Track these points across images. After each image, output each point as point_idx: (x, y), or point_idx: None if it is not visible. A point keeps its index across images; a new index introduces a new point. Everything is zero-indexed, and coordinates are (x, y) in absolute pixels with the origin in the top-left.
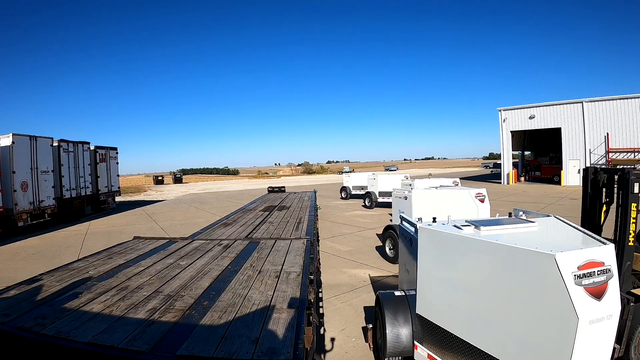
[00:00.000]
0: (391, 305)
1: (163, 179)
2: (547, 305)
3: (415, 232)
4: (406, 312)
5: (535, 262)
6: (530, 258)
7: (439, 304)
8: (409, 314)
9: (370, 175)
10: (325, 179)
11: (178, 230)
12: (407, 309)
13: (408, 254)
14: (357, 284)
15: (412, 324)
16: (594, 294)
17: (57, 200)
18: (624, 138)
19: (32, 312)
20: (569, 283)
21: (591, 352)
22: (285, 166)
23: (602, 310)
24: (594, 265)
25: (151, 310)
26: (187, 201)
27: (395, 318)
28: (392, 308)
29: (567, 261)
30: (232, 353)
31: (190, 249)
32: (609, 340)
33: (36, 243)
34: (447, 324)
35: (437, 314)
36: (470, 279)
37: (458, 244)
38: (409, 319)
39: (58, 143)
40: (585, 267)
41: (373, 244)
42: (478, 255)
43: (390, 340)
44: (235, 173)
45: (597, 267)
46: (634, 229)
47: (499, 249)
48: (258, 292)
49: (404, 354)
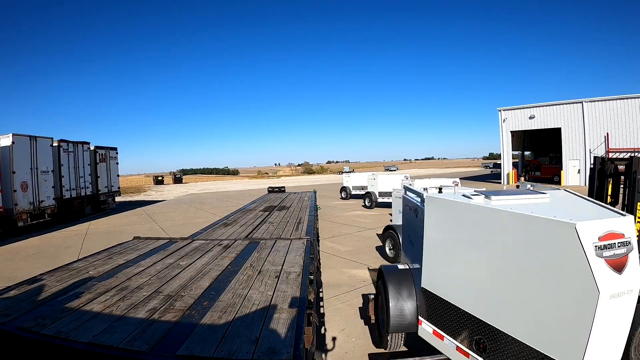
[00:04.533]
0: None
1: (163, 179)
2: (565, 278)
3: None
4: (410, 286)
5: (553, 232)
6: (549, 228)
7: (446, 277)
8: (413, 288)
9: (370, 176)
10: (325, 179)
11: (178, 230)
12: (411, 282)
13: (413, 226)
14: (357, 284)
15: (416, 299)
16: (614, 267)
17: (57, 200)
18: (624, 138)
19: (32, 312)
20: (590, 254)
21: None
22: (285, 166)
23: (622, 284)
24: (615, 236)
25: (151, 310)
26: (187, 201)
27: (399, 292)
28: (396, 281)
29: (588, 231)
30: (232, 353)
31: (190, 249)
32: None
33: (36, 243)
34: (455, 298)
35: (444, 288)
36: (481, 250)
37: (468, 213)
38: (413, 293)
39: (58, 143)
40: (605, 238)
41: (373, 244)
42: (490, 226)
43: (393, 315)
44: (235, 173)
45: (618, 238)
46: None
47: (514, 218)
48: (258, 292)
49: (408, 330)
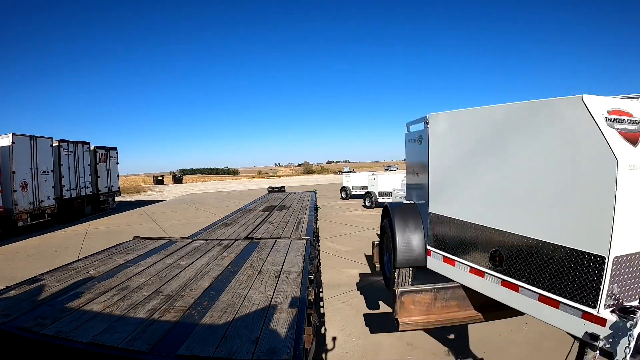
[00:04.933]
0: (400, 212)
1: (163, 179)
2: (580, 155)
3: (424, 125)
4: (417, 218)
5: (562, 112)
6: (556, 108)
7: (455, 195)
8: (420, 220)
9: (370, 175)
10: (325, 179)
11: (178, 230)
12: (417, 215)
13: (416, 156)
14: (358, 284)
15: (423, 230)
16: (629, 139)
17: (57, 200)
18: None
19: (32, 312)
20: (602, 124)
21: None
22: (285, 166)
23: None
24: (623, 114)
25: (151, 310)
26: (187, 201)
27: (406, 224)
28: (402, 215)
29: (595, 104)
30: (232, 353)
31: (190, 249)
32: None
33: (36, 243)
34: (466, 214)
35: (454, 207)
36: (489, 153)
37: (472, 117)
38: (420, 225)
39: (58, 143)
40: (614, 113)
41: None
42: (496, 124)
43: (400, 248)
44: (235, 173)
45: (627, 116)
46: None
47: (520, 107)
48: (258, 292)
49: (416, 263)
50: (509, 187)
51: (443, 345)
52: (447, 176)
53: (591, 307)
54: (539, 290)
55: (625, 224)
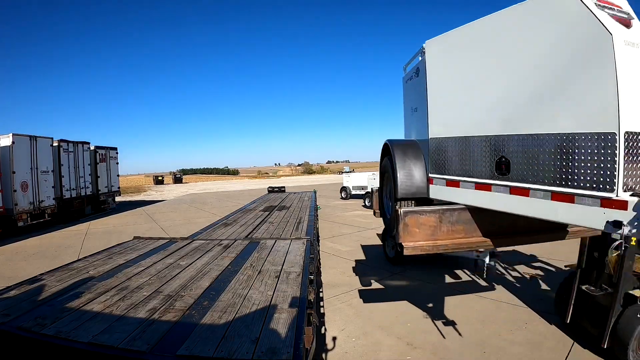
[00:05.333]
0: (401, 147)
1: (163, 179)
2: (576, 40)
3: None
4: (417, 151)
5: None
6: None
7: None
8: (420, 153)
9: (370, 175)
10: (325, 179)
11: (178, 230)
12: (417, 148)
13: (414, 92)
14: (357, 284)
15: (425, 162)
16: (620, 22)
17: (57, 200)
18: None
19: (32, 312)
20: (592, 7)
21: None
22: (285, 166)
23: (634, 36)
24: (612, 4)
25: (151, 310)
26: (187, 201)
27: (406, 156)
28: (402, 148)
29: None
30: (232, 353)
31: (190, 249)
32: None
33: (36, 243)
34: (469, 129)
35: (455, 125)
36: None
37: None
38: (420, 157)
39: (58, 143)
40: (603, 2)
41: (373, 244)
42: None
43: (401, 178)
44: (235, 173)
45: (616, 7)
46: None
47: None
48: (258, 292)
49: (417, 194)
50: (511, 91)
51: (443, 345)
52: (447, 98)
53: (609, 192)
54: (550, 187)
55: (632, 99)
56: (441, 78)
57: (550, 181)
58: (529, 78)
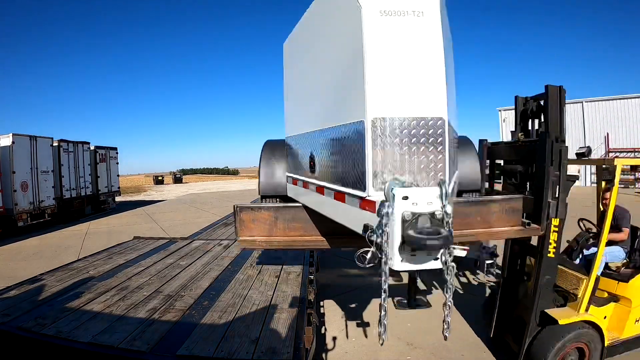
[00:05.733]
0: (270, 146)
1: (163, 179)
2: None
3: None
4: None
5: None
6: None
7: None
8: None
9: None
10: None
11: (178, 230)
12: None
13: None
14: (357, 285)
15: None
16: None
17: (57, 200)
18: (624, 138)
19: (32, 312)
20: None
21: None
22: None
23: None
24: None
25: (151, 310)
26: (187, 201)
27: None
28: (271, 149)
29: None
30: (232, 353)
31: (191, 249)
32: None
33: (36, 243)
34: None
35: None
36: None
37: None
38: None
39: (58, 143)
40: None
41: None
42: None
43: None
44: (235, 173)
45: None
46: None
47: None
48: (258, 292)
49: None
50: (313, 89)
51: (443, 345)
52: (288, 99)
53: (362, 190)
54: (331, 185)
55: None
56: (287, 77)
57: (331, 178)
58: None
